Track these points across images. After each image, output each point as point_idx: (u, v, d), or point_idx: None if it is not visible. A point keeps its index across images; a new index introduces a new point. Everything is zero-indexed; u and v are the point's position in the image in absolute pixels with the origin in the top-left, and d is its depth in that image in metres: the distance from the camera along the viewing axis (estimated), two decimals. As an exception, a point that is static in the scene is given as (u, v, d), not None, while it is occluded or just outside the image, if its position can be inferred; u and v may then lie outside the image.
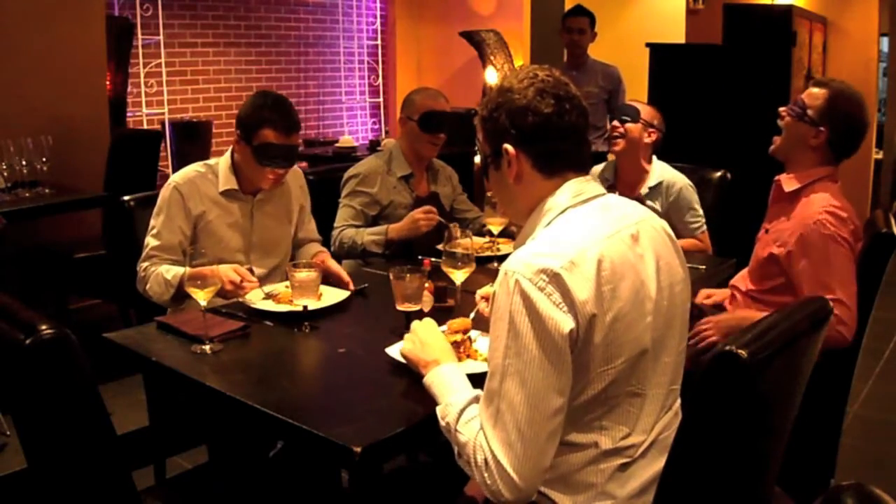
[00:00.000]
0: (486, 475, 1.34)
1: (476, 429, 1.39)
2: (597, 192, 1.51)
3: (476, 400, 1.44)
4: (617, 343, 1.37)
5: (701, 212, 3.12)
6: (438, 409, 1.47)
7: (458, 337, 1.98)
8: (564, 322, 1.32)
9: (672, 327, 1.49)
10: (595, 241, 1.39)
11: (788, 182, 2.37)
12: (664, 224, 1.57)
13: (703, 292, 2.66)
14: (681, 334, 1.53)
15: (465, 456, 1.39)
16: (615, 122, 3.12)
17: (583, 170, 1.52)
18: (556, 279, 1.33)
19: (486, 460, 1.34)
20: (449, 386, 1.49)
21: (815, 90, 2.35)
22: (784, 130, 2.39)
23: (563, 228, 1.44)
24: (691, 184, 3.12)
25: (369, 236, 2.88)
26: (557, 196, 1.49)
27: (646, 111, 3.13)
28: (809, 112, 2.32)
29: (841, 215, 2.22)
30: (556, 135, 1.48)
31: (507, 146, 1.50)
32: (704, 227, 3.12)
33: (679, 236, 2.98)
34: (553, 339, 1.32)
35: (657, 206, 3.06)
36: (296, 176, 2.70)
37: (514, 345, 1.33)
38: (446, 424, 1.44)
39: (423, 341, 1.62)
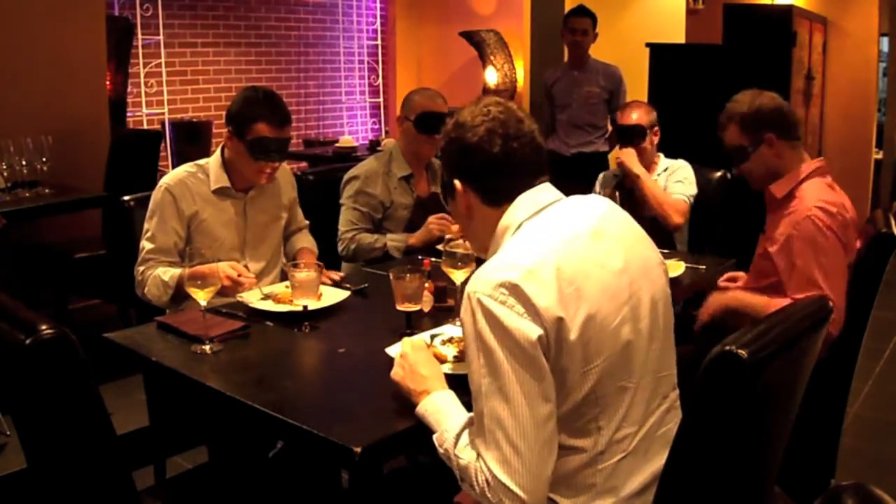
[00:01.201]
0: (489, 495, 1.35)
1: (475, 452, 1.39)
2: (552, 199, 1.52)
3: (472, 423, 1.44)
4: (595, 341, 1.37)
5: (690, 187, 3.22)
6: (435, 438, 1.48)
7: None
8: (531, 330, 1.32)
9: (654, 314, 1.49)
10: (552, 246, 1.40)
11: (778, 189, 2.38)
12: (626, 215, 1.58)
13: (728, 275, 2.69)
14: (665, 320, 1.52)
15: (467, 480, 1.39)
16: (631, 149, 3.19)
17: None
18: (514, 290, 1.33)
19: (487, 481, 1.35)
20: (442, 414, 1.50)
21: (729, 125, 2.38)
22: (748, 173, 2.42)
23: (519, 242, 1.45)
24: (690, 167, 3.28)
25: (392, 242, 2.91)
26: (511, 213, 1.51)
27: (644, 117, 3.21)
28: (745, 143, 2.36)
29: (830, 210, 2.22)
30: (504, 172, 1.51)
31: (456, 181, 1.55)
32: (685, 198, 3.19)
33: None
34: (523, 348, 1.32)
35: (660, 181, 3.24)
36: (283, 170, 2.71)
37: (488, 363, 1.34)
38: (445, 452, 1.44)
39: (413, 369, 1.60)
